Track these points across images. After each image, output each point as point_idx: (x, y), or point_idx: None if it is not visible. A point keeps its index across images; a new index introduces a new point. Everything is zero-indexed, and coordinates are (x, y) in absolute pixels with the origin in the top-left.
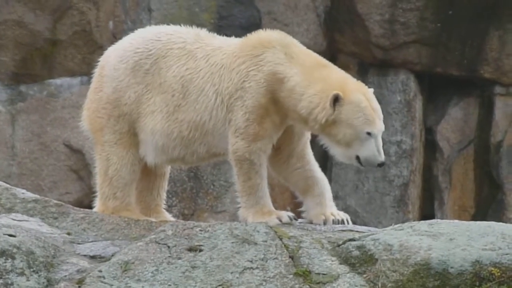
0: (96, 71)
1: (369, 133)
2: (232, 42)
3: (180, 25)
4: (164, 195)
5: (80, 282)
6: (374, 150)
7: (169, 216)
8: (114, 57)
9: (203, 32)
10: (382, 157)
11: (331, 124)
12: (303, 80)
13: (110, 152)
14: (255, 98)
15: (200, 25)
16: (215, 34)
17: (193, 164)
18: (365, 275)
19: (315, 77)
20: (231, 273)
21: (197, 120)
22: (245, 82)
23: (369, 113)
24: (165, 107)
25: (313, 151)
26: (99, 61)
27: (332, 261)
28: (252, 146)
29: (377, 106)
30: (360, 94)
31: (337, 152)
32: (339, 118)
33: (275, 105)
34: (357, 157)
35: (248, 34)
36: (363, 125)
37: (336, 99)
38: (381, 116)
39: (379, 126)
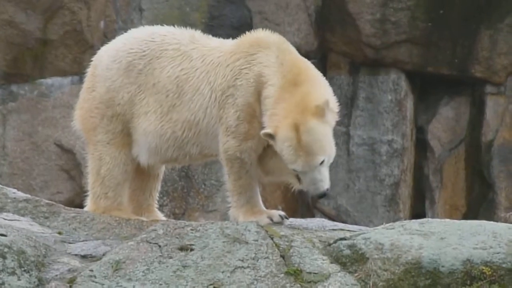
0: (89, 71)
1: (294, 170)
2: (229, 42)
3: (172, 25)
4: (156, 196)
5: (71, 281)
6: (306, 183)
7: (161, 216)
8: (107, 57)
9: (198, 34)
10: (318, 190)
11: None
12: (273, 96)
13: (103, 152)
14: (244, 97)
15: (191, 24)
16: (210, 35)
17: (186, 164)
18: (356, 274)
19: (281, 97)
20: (222, 272)
21: (191, 120)
22: (237, 80)
23: (292, 153)
24: (159, 108)
25: None
26: (91, 61)
27: (323, 260)
28: (243, 145)
29: (308, 143)
30: (290, 131)
31: None
32: (276, 148)
33: (260, 106)
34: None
35: (247, 32)
36: (288, 163)
37: (271, 136)
38: (311, 152)
39: (302, 165)
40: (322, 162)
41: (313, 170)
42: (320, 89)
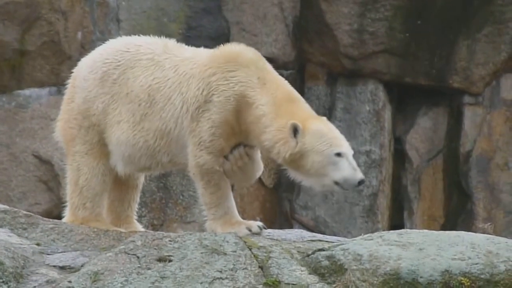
0: (70, 82)
1: (338, 154)
2: (202, 53)
3: (149, 36)
4: (135, 206)
5: None
6: (350, 168)
7: (139, 227)
8: (85, 68)
9: (171, 43)
10: (360, 174)
11: (297, 157)
12: (271, 112)
13: (81, 163)
14: (223, 114)
15: (168, 35)
16: (183, 44)
17: (159, 171)
18: (334, 285)
19: (282, 111)
20: (201, 283)
21: (162, 129)
22: (214, 96)
23: (332, 136)
24: (131, 117)
25: None
26: (71, 72)
27: (302, 271)
28: (220, 159)
29: (340, 135)
30: (321, 123)
31: (312, 183)
32: (304, 149)
33: (239, 125)
34: (336, 182)
35: (220, 46)
36: (330, 147)
37: (295, 130)
38: (346, 141)
39: (347, 146)
40: None
41: (351, 157)
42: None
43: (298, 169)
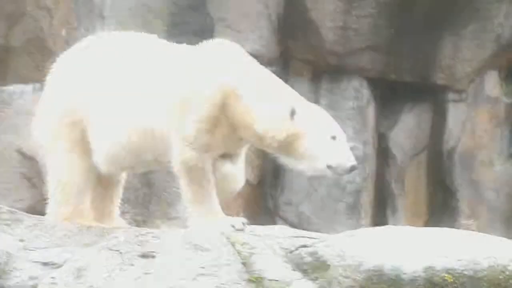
0: (48, 78)
1: (333, 137)
2: (185, 49)
3: (132, 32)
4: (118, 202)
5: None
6: (344, 153)
7: (123, 223)
8: (65, 64)
9: (153, 39)
10: (353, 160)
11: (292, 139)
12: (261, 99)
13: (64, 159)
14: (209, 109)
15: (153, 32)
16: (165, 40)
17: (144, 171)
18: (317, 282)
19: (272, 97)
20: (184, 279)
21: (146, 127)
22: (199, 91)
23: (327, 120)
24: (114, 115)
25: (267, 156)
26: (52, 68)
27: (285, 267)
28: (206, 155)
29: (334, 120)
30: (315, 107)
31: (304, 166)
32: (299, 130)
33: (227, 119)
34: (329, 166)
35: (203, 41)
36: (325, 129)
37: (292, 112)
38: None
39: (341, 130)
40: None
41: (345, 141)
42: None
43: (292, 153)
